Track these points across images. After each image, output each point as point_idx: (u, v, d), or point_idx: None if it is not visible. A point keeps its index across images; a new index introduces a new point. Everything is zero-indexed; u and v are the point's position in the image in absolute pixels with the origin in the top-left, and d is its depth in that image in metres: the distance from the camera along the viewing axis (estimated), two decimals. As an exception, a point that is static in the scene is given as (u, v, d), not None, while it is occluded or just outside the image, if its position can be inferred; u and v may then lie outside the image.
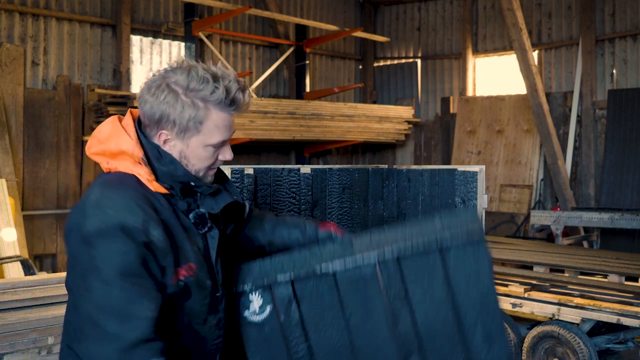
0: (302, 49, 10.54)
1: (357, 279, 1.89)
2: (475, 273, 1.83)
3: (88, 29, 8.63)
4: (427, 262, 1.86)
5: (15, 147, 7.76)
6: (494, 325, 1.86)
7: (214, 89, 1.65)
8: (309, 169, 2.73)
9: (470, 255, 1.84)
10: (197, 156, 1.70)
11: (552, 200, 9.88)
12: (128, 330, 1.53)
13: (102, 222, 1.56)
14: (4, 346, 2.88)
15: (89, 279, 1.55)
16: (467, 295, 1.85)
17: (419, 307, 1.87)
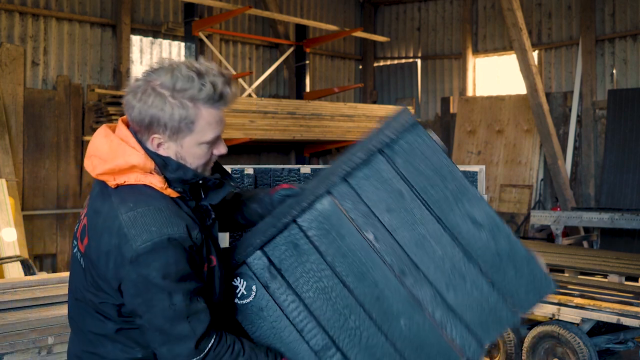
0: (302, 49, 10.54)
1: (322, 221, 1.87)
2: (424, 158, 1.79)
3: (88, 29, 8.63)
4: (374, 170, 1.82)
5: (15, 147, 7.76)
6: (476, 207, 1.77)
7: (200, 86, 1.63)
8: (309, 169, 2.73)
9: (411, 142, 1.79)
10: (193, 155, 1.71)
11: (552, 200, 9.88)
12: (196, 326, 1.62)
13: (149, 240, 1.57)
14: (4, 346, 2.88)
15: (149, 295, 1.59)
16: (430, 186, 1.79)
17: (390, 220, 1.82)
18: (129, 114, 1.67)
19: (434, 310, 1.81)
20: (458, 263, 1.79)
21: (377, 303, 1.85)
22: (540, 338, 5.02)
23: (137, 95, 1.64)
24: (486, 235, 1.77)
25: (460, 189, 1.78)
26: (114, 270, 1.61)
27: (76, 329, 1.79)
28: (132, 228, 1.59)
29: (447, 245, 1.80)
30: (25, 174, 7.95)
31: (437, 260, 1.81)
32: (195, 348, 1.62)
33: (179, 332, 1.61)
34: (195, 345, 1.61)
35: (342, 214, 1.85)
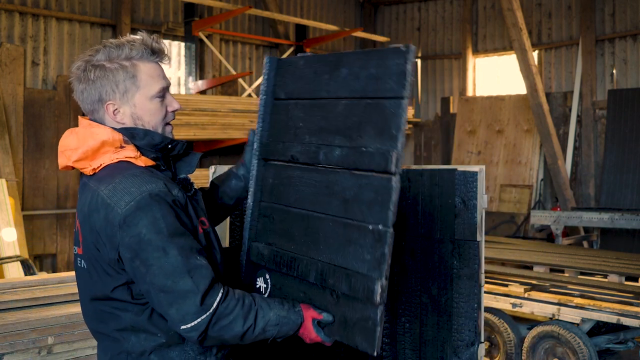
0: (302, 49, 10.53)
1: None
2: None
3: (88, 29, 8.63)
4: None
5: (15, 147, 7.76)
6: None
7: (130, 47, 1.74)
8: (309, 169, 2.73)
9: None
10: (148, 112, 1.78)
11: (552, 200, 9.88)
12: (199, 281, 1.62)
13: (131, 200, 1.62)
14: (4, 346, 2.88)
15: (144, 255, 1.61)
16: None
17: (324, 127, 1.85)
18: (81, 100, 1.78)
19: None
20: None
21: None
22: (540, 338, 5.02)
23: (80, 77, 1.74)
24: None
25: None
26: (109, 241, 1.64)
27: (100, 336, 1.80)
28: (114, 196, 1.63)
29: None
30: (25, 174, 7.95)
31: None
32: (200, 304, 1.61)
33: (181, 287, 1.60)
34: (200, 301, 1.61)
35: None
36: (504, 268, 6.15)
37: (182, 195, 1.72)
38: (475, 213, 2.57)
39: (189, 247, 1.64)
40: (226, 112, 8.22)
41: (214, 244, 1.81)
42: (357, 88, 1.76)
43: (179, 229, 1.64)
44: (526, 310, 5.19)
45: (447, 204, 2.65)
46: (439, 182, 2.69)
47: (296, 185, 1.92)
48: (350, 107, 1.78)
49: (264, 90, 2.16)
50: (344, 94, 1.80)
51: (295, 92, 2.01)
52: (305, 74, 1.96)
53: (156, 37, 1.81)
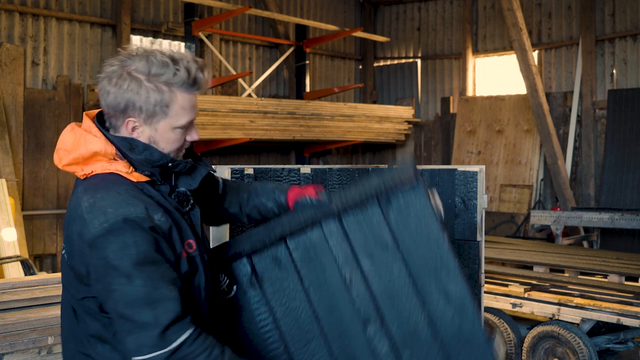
0: (302, 49, 10.53)
1: (309, 247, 1.92)
2: (417, 220, 1.81)
3: (88, 29, 8.63)
4: (367, 217, 1.86)
5: (15, 147, 7.76)
6: (452, 282, 1.79)
7: (175, 71, 1.66)
8: (309, 169, 2.73)
9: (409, 203, 1.81)
10: (167, 139, 1.73)
11: (552, 200, 9.87)
12: (160, 314, 1.56)
13: (105, 222, 1.57)
14: (4, 346, 2.88)
15: (108, 279, 1.57)
16: (415, 248, 1.82)
17: (369, 268, 1.87)
18: (104, 100, 1.69)
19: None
20: (420, 328, 1.83)
21: (338, 339, 1.92)
22: (540, 338, 5.02)
23: (112, 80, 1.66)
24: (452, 313, 1.81)
25: (443, 261, 1.81)
26: (79, 256, 1.62)
27: (68, 331, 1.80)
28: (90, 213, 1.60)
29: (415, 308, 1.83)
30: (25, 174, 7.95)
31: (402, 319, 1.85)
32: (159, 338, 1.55)
33: (140, 318, 1.55)
34: (159, 334, 1.55)
35: (327, 247, 1.91)
36: (504, 268, 6.15)
37: (165, 219, 1.65)
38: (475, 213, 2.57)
39: (158, 277, 1.58)
40: (226, 112, 8.22)
41: (199, 268, 1.75)
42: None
43: (150, 257, 1.58)
44: (526, 310, 5.19)
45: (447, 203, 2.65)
46: (439, 182, 2.69)
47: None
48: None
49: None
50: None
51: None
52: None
53: (202, 63, 1.73)
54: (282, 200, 2.04)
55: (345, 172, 2.82)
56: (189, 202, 1.79)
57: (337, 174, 2.80)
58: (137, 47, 1.72)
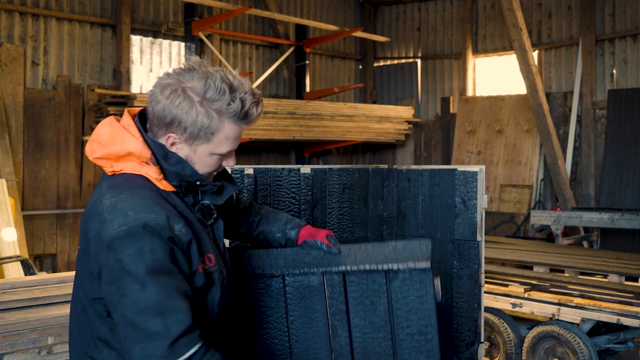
0: (302, 49, 10.53)
1: (305, 287, 1.97)
2: (418, 304, 1.88)
3: (88, 29, 8.63)
4: (372, 282, 1.91)
5: (15, 147, 7.76)
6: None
7: (230, 101, 1.64)
8: (309, 169, 2.73)
9: (414, 281, 1.88)
10: (203, 163, 1.71)
11: (552, 200, 9.87)
12: (171, 325, 1.53)
13: (124, 224, 1.55)
14: (4, 346, 2.88)
15: (122, 284, 1.54)
16: (406, 324, 1.89)
17: (357, 325, 1.93)
18: (152, 107, 1.66)
19: None
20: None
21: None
22: (540, 338, 5.02)
23: (165, 92, 1.64)
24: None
25: (428, 342, 1.90)
26: (95, 256, 1.59)
27: (76, 329, 1.78)
28: (111, 213, 1.57)
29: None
30: (25, 174, 7.95)
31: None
32: (168, 349, 1.52)
33: (150, 327, 1.52)
34: (168, 346, 1.52)
35: (323, 294, 1.96)
36: (504, 268, 6.15)
37: (186, 231, 1.62)
38: (475, 213, 2.57)
39: (172, 287, 1.55)
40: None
41: (215, 283, 1.72)
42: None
43: (165, 267, 1.56)
44: (526, 310, 5.19)
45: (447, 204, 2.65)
46: (439, 182, 2.69)
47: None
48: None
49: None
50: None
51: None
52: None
53: (259, 97, 1.70)
54: (292, 236, 2.04)
55: (345, 172, 2.82)
56: (212, 215, 1.77)
57: (337, 174, 2.80)
58: (200, 62, 1.68)
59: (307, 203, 2.71)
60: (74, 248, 8.34)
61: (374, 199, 2.88)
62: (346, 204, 2.82)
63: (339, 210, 2.80)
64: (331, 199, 2.78)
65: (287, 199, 2.68)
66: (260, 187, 2.64)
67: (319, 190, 2.75)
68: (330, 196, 2.78)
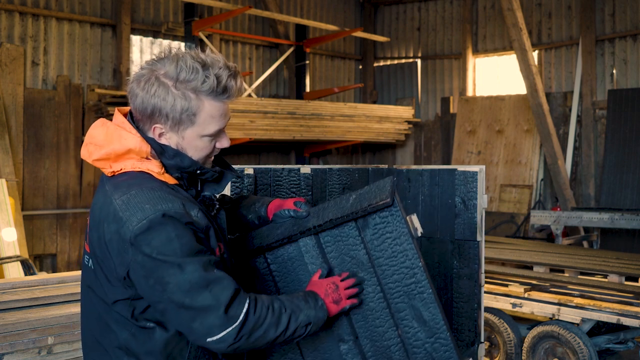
0: (302, 49, 10.53)
1: (287, 261, 1.95)
2: (396, 245, 1.82)
3: (88, 29, 8.63)
4: (345, 236, 1.87)
5: (15, 147, 7.76)
6: (427, 309, 1.82)
7: (204, 78, 1.62)
8: (309, 169, 2.73)
9: (386, 224, 1.82)
10: (195, 147, 1.70)
11: (552, 200, 9.87)
12: (219, 293, 1.56)
13: (144, 218, 1.55)
14: (4, 346, 2.88)
15: (159, 273, 1.54)
16: (391, 271, 1.83)
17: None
18: (132, 102, 1.66)
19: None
20: (393, 349, 1.87)
21: (313, 352, 1.95)
22: (540, 338, 5.02)
23: (140, 84, 1.63)
24: (425, 335, 1.83)
25: (418, 287, 1.83)
26: (119, 257, 1.58)
27: (92, 341, 1.75)
28: (127, 210, 1.57)
29: (388, 327, 1.86)
30: (25, 174, 7.95)
31: (375, 336, 1.88)
32: (225, 317, 1.56)
33: (201, 303, 1.54)
34: (223, 313, 1.56)
35: (303, 262, 1.93)
36: (504, 268, 6.15)
37: (202, 216, 1.64)
38: (475, 213, 2.57)
39: (206, 261, 1.58)
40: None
41: (228, 271, 1.73)
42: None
43: (194, 247, 1.57)
44: (526, 310, 5.19)
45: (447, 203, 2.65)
46: (439, 182, 2.69)
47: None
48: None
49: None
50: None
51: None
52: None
53: (234, 70, 1.68)
54: (262, 213, 2.04)
55: (345, 172, 2.82)
56: (215, 206, 1.77)
57: (337, 174, 2.80)
58: (171, 48, 1.68)
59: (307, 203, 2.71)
60: (74, 248, 8.34)
61: (374, 199, 2.88)
62: (346, 204, 2.81)
63: (339, 210, 2.80)
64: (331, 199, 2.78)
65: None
66: (260, 187, 2.64)
67: (319, 190, 2.75)
68: (330, 196, 2.78)
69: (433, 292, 1.83)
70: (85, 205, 8.40)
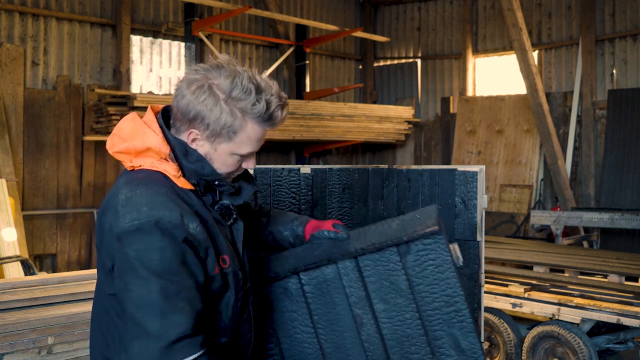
0: (302, 49, 10.53)
1: (322, 282, 1.90)
2: (438, 273, 1.81)
3: (88, 29, 8.63)
4: (386, 261, 1.85)
5: (15, 147, 7.76)
6: (466, 338, 1.82)
7: (255, 102, 1.63)
8: (309, 169, 2.73)
9: (428, 250, 1.81)
10: (223, 162, 1.70)
11: (552, 200, 9.87)
12: (169, 327, 1.50)
13: (136, 219, 1.54)
14: (4, 346, 2.88)
15: (128, 277, 1.53)
16: (431, 298, 1.82)
17: (382, 310, 1.86)
18: (177, 102, 1.66)
19: None
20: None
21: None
22: (540, 338, 5.02)
23: (191, 88, 1.63)
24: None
25: (458, 315, 1.82)
26: (108, 248, 1.60)
27: (97, 332, 1.75)
28: (125, 206, 1.57)
29: (425, 355, 1.84)
30: (25, 174, 7.95)
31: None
32: (164, 352, 1.49)
33: (149, 327, 1.50)
34: (164, 347, 1.49)
35: (340, 285, 1.89)
36: (504, 268, 6.15)
37: (201, 230, 1.60)
38: (475, 213, 2.57)
39: (175, 289, 1.52)
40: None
41: (230, 285, 1.70)
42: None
43: (171, 267, 1.53)
44: (526, 310, 5.19)
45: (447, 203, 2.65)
46: (439, 182, 2.69)
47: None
48: None
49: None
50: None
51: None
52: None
53: (285, 101, 1.70)
54: (300, 232, 2.03)
55: (345, 172, 2.82)
56: (232, 215, 1.76)
57: (337, 174, 2.80)
58: (228, 60, 1.67)
59: (307, 203, 2.71)
60: (74, 248, 8.34)
61: (374, 199, 2.88)
62: (346, 204, 2.82)
63: (339, 210, 2.80)
64: (331, 199, 2.78)
65: (287, 199, 2.68)
66: (260, 187, 2.65)
67: (319, 190, 2.75)
68: (330, 196, 2.78)
69: (471, 319, 1.83)
70: (85, 205, 8.41)
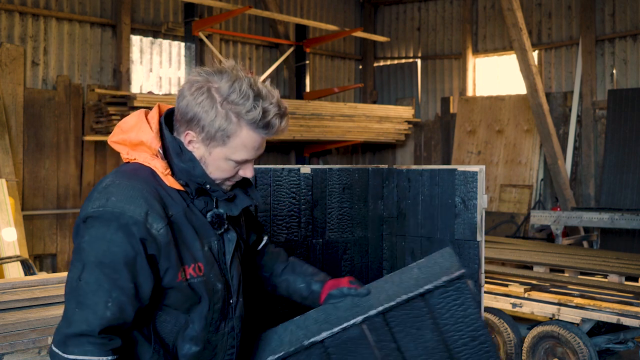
0: (302, 49, 10.54)
1: (347, 343, 1.86)
2: (462, 312, 1.84)
3: (88, 29, 8.63)
4: (411, 309, 1.85)
5: (15, 147, 7.76)
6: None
7: (251, 107, 1.62)
8: (309, 169, 2.73)
9: (451, 292, 1.84)
10: (217, 167, 1.69)
11: (552, 200, 9.87)
12: (76, 319, 1.52)
13: (102, 206, 1.56)
14: (4, 346, 2.88)
15: (73, 258, 1.58)
16: (458, 335, 1.85)
17: (412, 356, 1.86)
18: (178, 103, 1.68)
19: None
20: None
21: None
22: (540, 338, 5.02)
23: (191, 89, 1.64)
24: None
25: (483, 345, 1.86)
26: (75, 229, 1.63)
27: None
28: (98, 193, 1.60)
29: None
30: (25, 174, 7.95)
31: None
32: (63, 340, 1.52)
33: (66, 310, 1.54)
34: (65, 336, 1.52)
35: (369, 344, 1.86)
36: (504, 268, 6.15)
37: (165, 233, 1.58)
38: (475, 213, 2.57)
39: (106, 287, 1.52)
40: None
41: (202, 295, 1.67)
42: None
43: (114, 264, 1.53)
44: (526, 310, 5.19)
45: (447, 203, 2.65)
46: (439, 182, 2.69)
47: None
48: None
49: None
50: None
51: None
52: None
53: (284, 111, 1.68)
54: (316, 289, 2.00)
55: (345, 172, 2.82)
56: (223, 225, 1.73)
57: (337, 174, 2.80)
58: (233, 66, 1.67)
59: (307, 203, 2.71)
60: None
61: (374, 199, 2.88)
62: (346, 204, 2.82)
63: (339, 210, 2.80)
64: (331, 199, 2.78)
65: (287, 199, 2.68)
66: (260, 187, 2.65)
67: (319, 190, 2.75)
68: (330, 196, 2.78)
69: (496, 351, 1.88)
70: (85, 205, 8.40)
